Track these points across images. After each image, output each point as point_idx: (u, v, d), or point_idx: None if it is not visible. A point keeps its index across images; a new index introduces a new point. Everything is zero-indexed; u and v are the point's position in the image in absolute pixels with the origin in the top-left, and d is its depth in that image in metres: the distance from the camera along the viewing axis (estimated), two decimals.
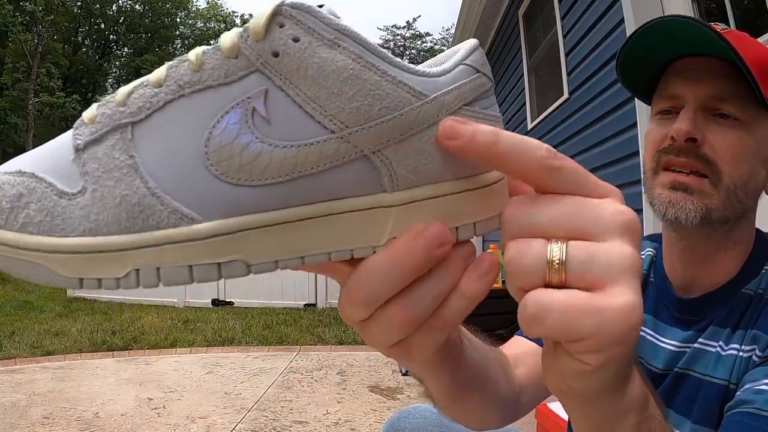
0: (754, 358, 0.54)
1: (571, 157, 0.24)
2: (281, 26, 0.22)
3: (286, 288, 6.08)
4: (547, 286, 0.22)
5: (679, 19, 0.58)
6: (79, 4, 32.32)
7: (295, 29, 0.22)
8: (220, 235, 0.21)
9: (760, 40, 1.76)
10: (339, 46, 0.22)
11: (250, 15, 41.85)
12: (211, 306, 6.27)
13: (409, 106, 0.23)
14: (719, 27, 0.59)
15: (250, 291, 6.22)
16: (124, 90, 0.23)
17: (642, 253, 0.73)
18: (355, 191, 0.23)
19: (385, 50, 0.23)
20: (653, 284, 0.69)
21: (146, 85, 0.23)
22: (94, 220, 0.21)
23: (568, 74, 3.53)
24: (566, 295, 0.22)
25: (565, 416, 0.78)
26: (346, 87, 0.22)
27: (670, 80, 0.62)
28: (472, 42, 0.26)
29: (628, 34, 2.60)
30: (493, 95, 0.26)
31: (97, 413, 2.85)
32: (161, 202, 0.21)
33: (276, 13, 0.22)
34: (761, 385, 0.48)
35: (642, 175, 0.66)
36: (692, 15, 2.26)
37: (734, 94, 0.57)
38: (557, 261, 0.22)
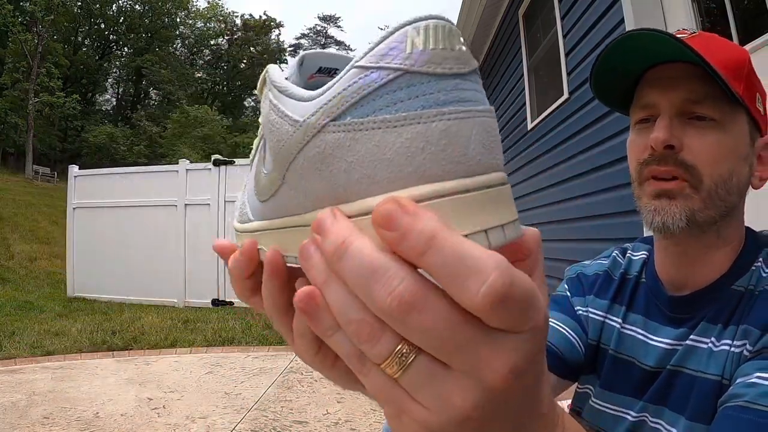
0: (745, 352, 0.54)
1: (571, 157, 0.23)
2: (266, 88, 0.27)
3: None
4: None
5: (645, 33, 0.59)
6: (79, 4, 32.29)
7: (265, 90, 0.27)
8: (255, 231, 0.31)
9: (761, 39, 1.77)
10: (266, 98, 0.27)
11: (250, 15, 41.90)
12: (211, 306, 6.27)
13: (287, 135, 0.24)
14: (686, 33, 0.61)
15: None
16: None
17: (635, 255, 0.74)
18: (297, 210, 0.26)
19: (291, 86, 0.25)
20: (645, 285, 0.70)
21: None
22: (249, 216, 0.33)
23: (568, 74, 3.53)
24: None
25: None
26: (266, 130, 0.26)
27: (644, 90, 0.64)
28: (395, 25, 0.21)
29: None
30: (402, 89, 0.20)
31: (97, 413, 2.85)
32: (247, 207, 0.33)
33: (263, 80, 0.28)
34: (752, 378, 0.49)
35: (632, 186, 0.67)
36: (692, 14, 2.26)
37: (708, 95, 0.58)
38: (397, 365, 0.20)
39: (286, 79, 0.27)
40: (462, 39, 0.21)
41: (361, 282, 0.19)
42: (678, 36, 0.59)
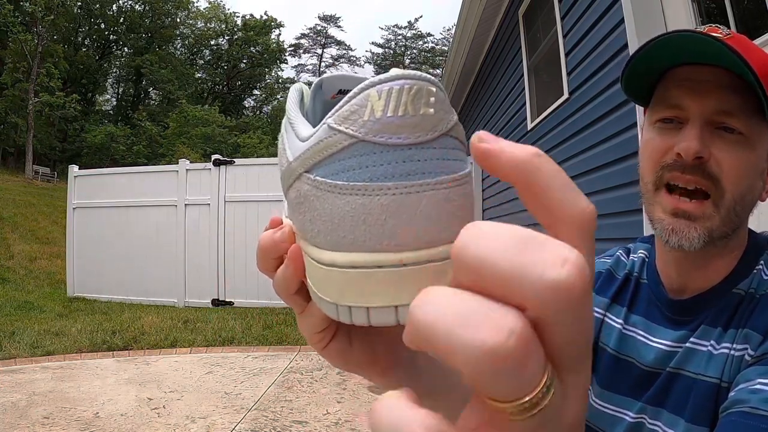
0: (747, 357, 0.54)
1: (571, 157, 0.22)
2: None
3: None
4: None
5: (688, 34, 0.57)
6: (79, 4, 32.29)
7: (286, 106, 0.28)
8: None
9: (761, 39, 1.77)
10: (285, 116, 0.27)
11: (251, 15, 41.89)
12: (211, 306, 6.27)
13: (284, 167, 0.25)
14: (721, 32, 0.58)
15: (250, 291, 6.22)
16: None
17: (635, 255, 0.73)
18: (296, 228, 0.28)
19: (297, 119, 0.25)
20: (645, 285, 0.69)
21: None
22: None
23: (568, 74, 3.53)
24: None
25: None
26: (279, 142, 0.27)
27: (672, 89, 0.61)
28: (361, 84, 0.20)
29: (627, 34, 2.56)
30: (354, 157, 0.20)
31: (97, 413, 2.85)
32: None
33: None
34: (756, 384, 0.48)
35: (641, 186, 0.65)
36: (692, 14, 2.26)
37: (741, 108, 0.56)
38: (540, 397, 0.15)
39: (302, 101, 0.28)
40: (433, 99, 0.20)
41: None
42: (712, 34, 0.56)
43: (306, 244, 0.24)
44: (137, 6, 35.90)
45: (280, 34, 43.49)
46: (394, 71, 0.20)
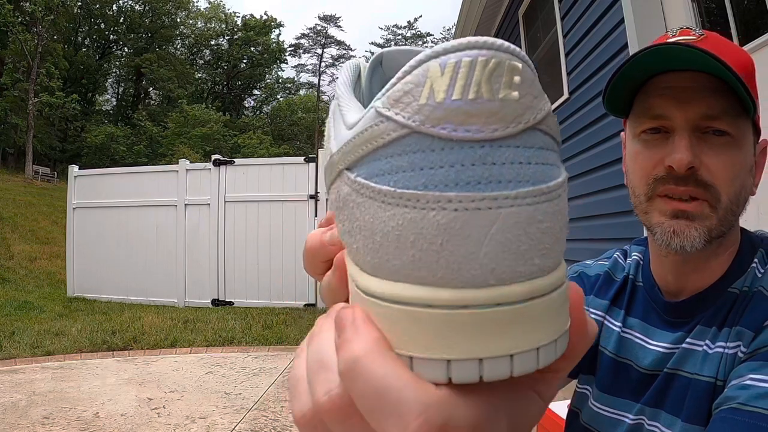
0: (740, 354, 0.54)
1: (572, 157, 0.22)
2: None
3: (286, 288, 6.08)
4: None
5: (671, 46, 0.56)
6: (79, 4, 32.29)
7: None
8: None
9: (761, 39, 1.77)
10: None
11: (251, 15, 41.87)
12: (211, 306, 6.27)
13: (327, 157, 0.21)
14: (695, 33, 0.58)
15: (250, 291, 6.22)
16: None
17: (630, 258, 0.73)
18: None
19: (348, 102, 0.21)
20: (641, 289, 0.69)
21: None
22: None
23: (568, 74, 3.53)
24: None
25: (564, 416, 0.78)
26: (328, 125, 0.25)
27: (654, 98, 0.60)
28: (419, 55, 0.15)
29: (627, 34, 2.56)
30: (405, 154, 0.15)
31: (97, 413, 2.86)
32: None
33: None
34: (746, 380, 0.49)
35: (633, 199, 0.64)
36: (692, 14, 2.26)
37: (725, 110, 0.56)
38: None
39: (359, 79, 0.23)
40: (518, 78, 0.15)
41: (311, 368, 0.19)
42: (685, 38, 0.56)
43: (347, 258, 0.19)
44: (137, 6, 35.90)
45: (280, 34, 43.55)
46: (463, 39, 0.15)
